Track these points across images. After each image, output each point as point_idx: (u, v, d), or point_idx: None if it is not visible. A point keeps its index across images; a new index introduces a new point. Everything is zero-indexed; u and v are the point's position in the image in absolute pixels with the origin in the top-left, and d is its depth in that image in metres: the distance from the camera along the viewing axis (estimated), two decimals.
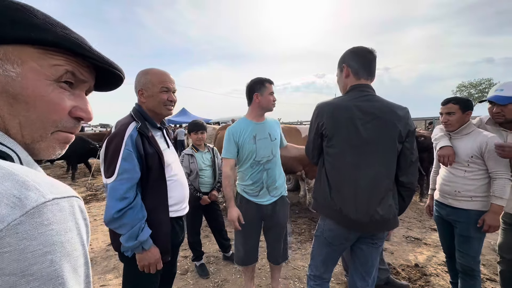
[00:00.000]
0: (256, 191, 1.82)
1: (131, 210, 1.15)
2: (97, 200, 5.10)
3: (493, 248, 2.94)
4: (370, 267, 1.41)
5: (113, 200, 1.12)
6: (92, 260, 2.81)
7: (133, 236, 1.15)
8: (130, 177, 1.16)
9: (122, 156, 1.15)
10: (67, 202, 0.36)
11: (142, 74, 1.30)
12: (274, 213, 1.87)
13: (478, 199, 1.68)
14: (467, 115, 1.73)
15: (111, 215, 1.12)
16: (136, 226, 1.16)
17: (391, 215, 1.30)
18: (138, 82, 1.30)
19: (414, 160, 1.32)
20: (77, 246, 0.37)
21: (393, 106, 1.31)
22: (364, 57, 1.36)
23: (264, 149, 1.79)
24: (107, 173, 1.15)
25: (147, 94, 1.28)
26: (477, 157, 1.66)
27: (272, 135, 1.83)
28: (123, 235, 1.15)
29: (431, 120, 10.60)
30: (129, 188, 1.16)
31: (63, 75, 0.45)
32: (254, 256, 1.95)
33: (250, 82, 1.82)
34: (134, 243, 1.15)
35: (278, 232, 1.92)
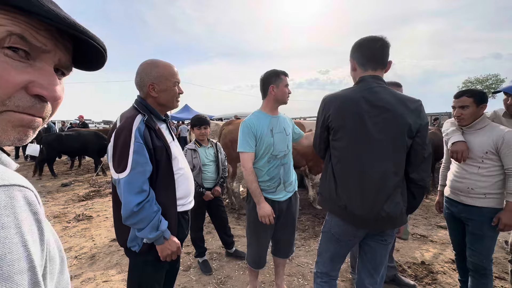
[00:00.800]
0: (273, 187, 1.76)
1: (149, 203, 1.14)
2: (100, 196, 5.10)
3: (501, 246, 2.88)
4: (378, 264, 1.36)
5: (131, 194, 1.10)
6: (95, 255, 2.80)
7: (155, 227, 1.14)
8: (144, 170, 1.14)
9: (134, 149, 1.11)
10: (3, 193, 0.30)
11: (151, 67, 1.24)
12: (289, 209, 1.85)
13: (492, 196, 1.61)
14: (482, 108, 1.65)
15: (130, 210, 1.09)
16: (155, 218, 1.15)
17: (398, 213, 1.24)
18: (148, 76, 1.23)
19: (427, 156, 1.25)
20: (13, 248, 0.29)
21: (404, 98, 1.24)
22: (369, 47, 1.29)
23: (280, 143, 1.76)
24: (118, 168, 1.11)
25: (160, 88, 1.24)
26: (492, 153, 1.59)
27: (286, 129, 1.82)
28: (142, 229, 1.13)
29: (437, 116, 10.45)
30: (144, 181, 1.14)
31: (5, 38, 0.35)
32: (265, 258, 1.94)
33: (264, 74, 1.77)
34: (157, 233, 1.15)
35: (292, 227, 1.92)
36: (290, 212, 1.87)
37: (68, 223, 3.73)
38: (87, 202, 4.77)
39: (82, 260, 2.71)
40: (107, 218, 3.89)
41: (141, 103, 1.26)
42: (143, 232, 1.14)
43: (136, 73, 1.26)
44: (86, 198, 5.03)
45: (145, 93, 1.26)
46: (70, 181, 6.26)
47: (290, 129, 1.88)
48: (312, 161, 4.08)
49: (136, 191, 1.10)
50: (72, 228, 3.54)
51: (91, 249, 2.96)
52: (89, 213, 4.07)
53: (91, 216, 3.95)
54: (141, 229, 1.14)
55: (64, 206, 4.53)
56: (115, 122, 1.24)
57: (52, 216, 3.96)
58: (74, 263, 2.65)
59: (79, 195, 5.18)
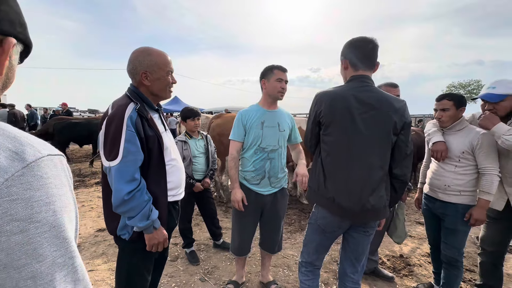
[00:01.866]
0: (258, 179, 1.81)
1: (140, 192, 1.14)
2: (85, 187, 5.00)
3: (473, 241, 3.08)
4: (360, 254, 1.44)
5: (122, 182, 1.10)
6: (81, 245, 2.78)
7: (145, 216, 1.15)
8: (135, 159, 1.14)
9: (126, 137, 1.10)
10: (58, 159, 0.39)
11: (144, 55, 1.22)
12: (274, 204, 1.87)
13: (467, 194, 1.73)
14: (461, 111, 1.76)
15: (121, 198, 1.09)
16: (146, 206, 1.16)
17: (382, 206, 1.33)
18: (140, 64, 1.21)
19: (409, 153, 1.34)
20: (70, 200, 0.40)
21: (390, 98, 1.32)
22: (361, 48, 1.35)
23: (270, 137, 1.78)
24: (110, 156, 1.10)
25: (153, 77, 1.23)
26: (468, 153, 1.71)
27: (281, 125, 1.83)
28: (132, 218, 1.14)
29: (421, 117, 10.83)
30: (136, 169, 1.14)
31: None
32: (248, 246, 1.97)
33: (263, 69, 1.82)
34: (147, 223, 1.15)
35: (276, 223, 1.94)
36: (274, 208, 1.88)
37: None
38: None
39: None
40: (93, 209, 3.83)
41: (133, 92, 1.24)
42: (133, 221, 1.14)
43: (129, 61, 1.24)
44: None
45: (137, 81, 1.25)
46: None
47: (288, 127, 1.88)
48: None
49: (127, 179, 1.10)
50: None
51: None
52: None
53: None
54: (131, 217, 1.14)
55: None
56: (107, 110, 1.22)
57: None
58: None
59: None
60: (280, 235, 2.03)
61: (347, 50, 1.40)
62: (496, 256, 1.84)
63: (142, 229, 1.17)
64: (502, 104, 1.64)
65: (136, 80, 1.25)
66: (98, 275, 2.27)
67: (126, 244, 1.25)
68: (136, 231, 1.20)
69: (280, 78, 1.76)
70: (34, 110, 10.26)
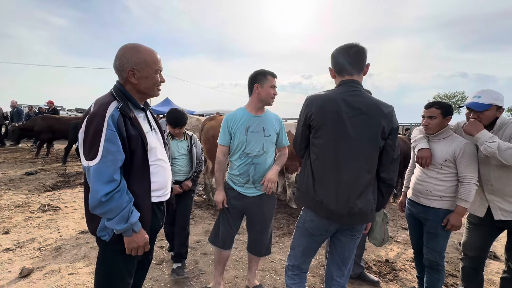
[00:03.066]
0: (242, 182, 1.83)
1: (119, 194, 1.09)
2: (69, 187, 4.84)
3: (456, 247, 3.16)
4: (347, 258, 1.45)
5: (100, 183, 1.05)
6: (61, 247, 2.67)
7: (124, 219, 1.10)
8: (115, 159, 1.09)
9: (106, 136, 1.06)
10: None
11: (132, 52, 1.18)
12: (260, 206, 1.87)
13: (447, 199, 1.78)
14: (447, 120, 1.82)
15: (98, 199, 1.05)
16: (126, 208, 1.10)
17: (369, 209, 1.35)
18: (128, 61, 1.17)
19: (396, 157, 1.37)
20: None
21: (378, 103, 1.35)
22: (343, 55, 1.39)
23: (254, 142, 1.78)
24: (89, 155, 1.06)
25: (140, 75, 1.19)
26: (450, 161, 1.76)
27: (266, 130, 1.81)
28: (110, 219, 1.09)
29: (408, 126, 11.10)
30: (115, 170, 1.09)
31: None
32: (228, 240, 1.92)
33: (253, 73, 1.82)
34: (125, 225, 1.11)
35: (263, 225, 1.93)
36: (260, 210, 1.87)
37: (31, 213, 3.50)
38: (54, 192, 4.50)
39: (46, 252, 2.57)
40: (76, 210, 3.71)
41: (119, 90, 1.20)
42: (111, 223, 1.09)
43: (116, 57, 1.20)
44: (54, 188, 4.74)
45: (124, 78, 1.21)
46: (35, 170, 5.86)
47: (274, 132, 1.86)
48: (289, 160, 4.19)
49: (105, 180, 1.06)
50: (36, 219, 3.33)
51: (57, 240, 2.81)
52: (56, 204, 3.85)
53: (58, 207, 3.74)
54: (109, 219, 1.09)
55: (27, 195, 4.24)
56: (89, 108, 1.17)
57: (13, 206, 3.69)
58: (36, 255, 2.51)
59: (45, 185, 4.87)
60: (269, 238, 2.00)
61: (332, 60, 1.45)
62: (477, 261, 1.89)
63: (120, 231, 1.12)
64: (486, 114, 1.69)
65: (123, 77, 1.21)
66: (78, 279, 2.18)
67: (107, 245, 1.20)
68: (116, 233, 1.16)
69: (273, 84, 1.78)
70: (20, 108, 9.92)
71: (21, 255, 2.49)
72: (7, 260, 2.40)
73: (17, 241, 2.75)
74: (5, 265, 2.32)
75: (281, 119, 2.02)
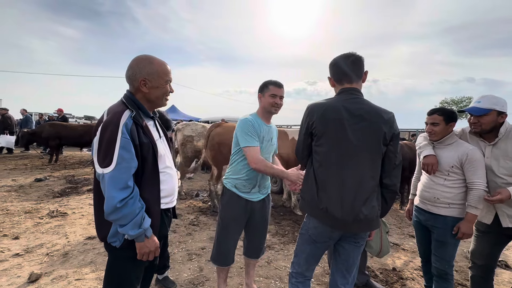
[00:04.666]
0: (249, 188, 1.84)
1: (132, 200, 1.12)
2: (77, 194, 4.91)
3: (466, 256, 3.08)
4: (351, 265, 1.44)
5: (115, 190, 1.08)
6: (69, 253, 2.71)
7: (137, 224, 1.13)
8: (129, 166, 1.13)
9: (120, 144, 1.10)
10: None
11: (145, 63, 1.24)
12: (262, 209, 1.93)
13: (455, 207, 1.76)
14: (451, 126, 1.82)
15: (113, 206, 1.08)
16: (139, 215, 1.14)
17: (374, 216, 1.34)
18: (141, 71, 1.23)
19: (398, 163, 1.37)
20: None
21: (379, 110, 1.36)
22: (341, 64, 1.43)
23: (266, 151, 1.86)
24: (103, 162, 1.09)
25: (152, 85, 1.25)
26: (457, 167, 1.75)
27: (273, 139, 1.93)
28: (124, 225, 1.12)
29: (414, 132, 10.99)
30: (129, 177, 1.13)
31: None
32: (232, 256, 1.95)
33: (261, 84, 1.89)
34: (138, 231, 1.14)
35: (263, 228, 2.00)
36: (263, 213, 1.95)
37: (40, 219, 3.56)
38: (62, 198, 4.58)
39: (53, 258, 2.61)
40: (83, 216, 3.76)
41: (130, 98, 1.25)
42: (125, 229, 1.12)
43: (129, 66, 1.25)
44: (62, 194, 4.83)
45: (135, 87, 1.26)
46: (44, 176, 5.98)
47: (276, 140, 1.99)
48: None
49: (120, 187, 1.09)
50: (44, 225, 3.39)
51: (64, 246, 2.85)
52: (64, 210, 3.91)
53: (66, 213, 3.80)
54: (123, 225, 1.12)
55: (36, 201, 4.33)
56: (102, 116, 1.21)
57: (23, 212, 3.77)
58: (45, 260, 2.55)
59: (54, 191, 4.96)
60: (265, 238, 2.09)
61: (330, 69, 1.49)
62: (485, 269, 1.85)
63: (133, 237, 1.15)
64: (486, 118, 1.71)
65: (134, 86, 1.26)
66: (85, 284, 2.21)
67: (117, 251, 1.22)
68: (127, 239, 1.18)
69: (274, 93, 1.80)
70: (29, 115, 10.20)
71: (29, 260, 2.54)
72: (16, 265, 2.44)
73: (26, 246, 2.80)
74: (14, 270, 2.36)
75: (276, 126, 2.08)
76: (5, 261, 2.49)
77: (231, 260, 1.95)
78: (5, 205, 4.04)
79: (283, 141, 4.22)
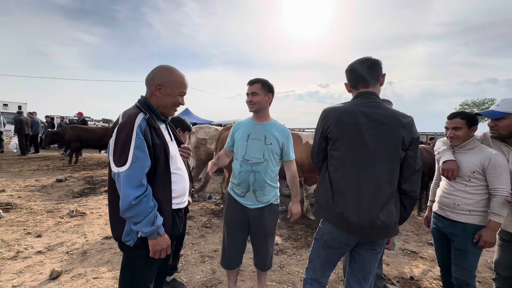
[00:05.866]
0: (242, 191, 1.81)
1: (146, 198, 1.17)
2: (95, 194, 5.09)
3: (489, 266, 2.93)
4: (367, 273, 1.40)
5: (130, 187, 1.13)
6: (87, 252, 2.80)
7: (151, 222, 1.18)
8: (143, 165, 1.18)
9: (135, 144, 1.16)
10: None
11: (166, 71, 1.33)
12: (260, 220, 1.82)
13: (477, 214, 1.68)
14: (473, 130, 1.75)
15: (128, 203, 1.12)
16: (152, 212, 1.18)
17: (392, 222, 1.30)
18: (160, 77, 1.32)
19: (418, 169, 1.32)
20: None
21: (397, 113, 1.33)
22: (357, 70, 1.41)
23: (254, 149, 1.77)
24: (119, 162, 1.15)
25: (166, 92, 1.32)
26: (478, 173, 1.67)
27: (268, 138, 1.79)
28: (138, 223, 1.16)
29: (433, 135, 10.62)
30: (143, 175, 1.18)
31: None
32: (237, 260, 1.93)
33: None
34: (152, 228, 1.18)
35: (263, 239, 1.86)
36: (261, 224, 1.82)
37: (61, 218, 3.72)
38: (81, 198, 4.76)
39: (73, 256, 2.71)
40: (101, 216, 3.88)
41: (144, 103, 1.32)
42: (139, 226, 1.16)
43: (151, 71, 1.35)
44: (81, 194, 5.02)
45: (150, 91, 1.33)
46: (65, 177, 6.24)
47: (276, 141, 1.80)
48: (308, 173, 4.15)
49: (135, 185, 1.14)
50: (65, 224, 3.53)
51: (83, 245, 2.96)
52: (83, 210, 4.06)
53: (85, 213, 3.94)
54: (137, 222, 1.16)
55: (57, 201, 4.52)
56: (117, 119, 1.29)
57: (45, 211, 3.95)
58: (65, 258, 2.65)
59: (74, 191, 5.16)
60: (270, 253, 1.92)
61: (347, 75, 1.48)
62: (511, 281, 1.75)
63: (147, 234, 1.19)
64: (504, 122, 1.66)
65: (150, 89, 1.34)
66: (102, 283, 2.27)
67: (130, 250, 1.26)
68: (140, 238, 1.22)
69: (247, 92, 1.83)
70: (36, 118, 10.67)
71: (51, 258, 2.64)
72: (38, 262, 2.56)
73: (48, 244, 2.93)
74: (37, 267, 2.47)
75: (289, 131, 1.91)
76: (28, 258, 2.61)
77: (236, 264, 1.93)
78: (29, 204, 4.25)
79: (296, 145, 4.18)
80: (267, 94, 1.82)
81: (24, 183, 5.55)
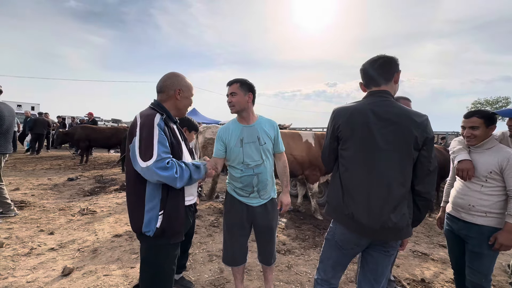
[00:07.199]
0: (247, 193, 1.82)
1: (179, 167, 1.34)
2: (105, 193, 5.18)
3: (504, 269, 2.84)
4: (379, 275, 1.37)
5: (166, 171, 1.27)
6: (97, 249, 2.85)
7: (196, 171, 1.42)
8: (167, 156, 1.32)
9: (158, 140, 1.29)
10: None
11: (181, 77, 1.52)
12: (265, 215, 1.85)
13: (493, 215, 1.63)
14: (491, 129, 1.68)
15: (175, 180, 1.30)
16: (190, 168, 1.39)
17: (404, 224, 1.27)
18: (179, 82, 1.49)
19: (432, 170, 1.27)
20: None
21: (410, 112, 1.28)
22: (369, 69, 1.39)
23: (252, 152, 1.77)
24: (145, 156, 1.26)
25: (184, 95, 1.51)
26: (496, 173, 1.62)
27: (261, 139, 1.78)
28: (193, 179, 1.41)
29: (444, 135, 10.38)
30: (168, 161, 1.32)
31: None
32: (241, 257, 1.94)
33: None
34: (202, 172, 1.46)
35: (269, 233, 1.91)
36: (265, 219, 1.85)
37: (72, 216, 3.80)
38: (92, 197, 4.85)
39: (84, 253, 2.76)
40: (111, 214, 3.95)
41: (158, 105, 1.45)
42: (194, 179, 1.42)
43: (167, 77, 1.50)
44: (91, 193, 5.11)
45: (169, 95, 1.48)
46: (76, 176, 6.37)
47: (268, 138, 1.81)
48: (309, 170, 4.13)
49: (167, 167, 1.28)
50: (76, 221, 3.60)
51: (94, 243, 3.01)
52: (93, 208, 4.14)
53: (95, 211, 4.02)
54: (192, 180, 1.40)
55: (69, 199, 4.62)
56: (134, 120, 1.37)
57: (57, 209, 4.04)
58: (76, 255, 2.70)
59: (84, 190, 5.27)
60: (274, 247, 1.99)
61: (361, 73, 1.47)
62: None
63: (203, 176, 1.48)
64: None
65: (169, 94, 1.48)
66: (112, 280, 2.31)
67: (150, 240, 1.36)
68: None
69: (226, 93, 1.80)
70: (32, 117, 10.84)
71: (63, 255, 2.70)
72: (51, 259, 2.61)
73: (60, 241, 2.99)
74: (49, 263, 2.53)
75: (276, 123, 1.93)
76: (41, 255, 2.68)
77: (239, 261, 1.94)
78: (42, 202, 4.36)
79: (296, 143, 4.19)
80: (247, 94, 1.77)
81: (37, 182, 5.70)
